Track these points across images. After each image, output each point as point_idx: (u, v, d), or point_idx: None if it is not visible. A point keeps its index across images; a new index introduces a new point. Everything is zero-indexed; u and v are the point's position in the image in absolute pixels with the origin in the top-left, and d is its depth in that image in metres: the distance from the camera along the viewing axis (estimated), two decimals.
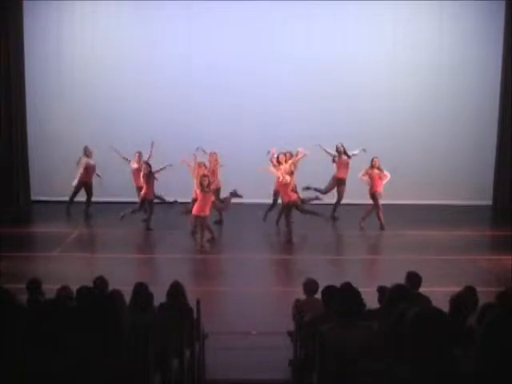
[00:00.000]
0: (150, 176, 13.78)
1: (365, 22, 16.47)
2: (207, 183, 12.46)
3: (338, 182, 14.88)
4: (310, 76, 16.27)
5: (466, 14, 16.47)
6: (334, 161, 14.89)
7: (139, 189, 14.26)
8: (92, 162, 15.27)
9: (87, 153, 15.25)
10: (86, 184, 15.32)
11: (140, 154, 14.67)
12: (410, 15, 16.47)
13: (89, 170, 15.26)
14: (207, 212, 12.64)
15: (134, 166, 14.64)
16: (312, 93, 16.26)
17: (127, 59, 16.47)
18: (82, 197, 15.65)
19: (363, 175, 14.17)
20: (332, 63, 16.31)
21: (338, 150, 14.74)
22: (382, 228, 14.06)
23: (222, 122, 16.26)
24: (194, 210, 12.63)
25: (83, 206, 15.43)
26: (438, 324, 3.60)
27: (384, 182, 14.18)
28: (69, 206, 15.30)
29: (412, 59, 16.49)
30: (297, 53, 16.37)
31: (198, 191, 12.57)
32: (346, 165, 14.78)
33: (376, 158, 14.17)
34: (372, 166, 14.10)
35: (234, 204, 14.04)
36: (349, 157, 14.71)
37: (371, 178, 14.15)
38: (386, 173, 14.17)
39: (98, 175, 15.49)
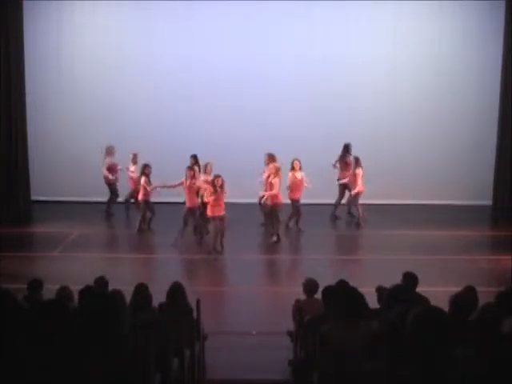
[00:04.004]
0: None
1: (365, 21, 16.45)
2: (220, 183, 12.44)
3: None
4: (310, 76, 16.25)
5: (465, 14, 16.46)
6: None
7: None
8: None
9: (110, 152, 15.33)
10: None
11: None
12: (410, 15, 16.46)
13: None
14: (222, 212, 12.62)
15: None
16: (312, 92, 16.25)
17: (127, 59, 16.46)
18: (84, 197, 15.65)
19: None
20: (332, 63, 16.30)
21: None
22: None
23: (222, 121, 16.23)
24: (209, 212, 12.60)
25: (86, 207, 15.50)
26: (438, 324, 3.60)
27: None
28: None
29: (412, 59, 16.48)
30: (297, 52, 16.35)
31: (210, 193, 12.52)
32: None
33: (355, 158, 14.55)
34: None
35: (234, 204, 14.01)
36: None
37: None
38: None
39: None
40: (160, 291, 7.13)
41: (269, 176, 13.36)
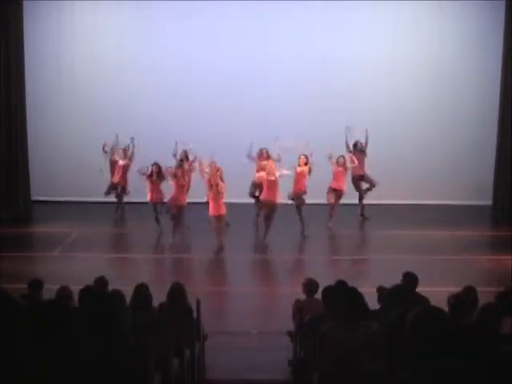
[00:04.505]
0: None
1: (365, 22, 16.46)
2: (216, 182, 12.44)
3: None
4: (310, 76, 16.25)
5: (465, 14, 16.47)
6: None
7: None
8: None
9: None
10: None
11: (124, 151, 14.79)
12: (410, 15, 16.46)
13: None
14: (223, 211, 12.56)
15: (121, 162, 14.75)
16: (312, 93, 16.25)
17: (127, 59, 16.46)
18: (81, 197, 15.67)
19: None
20: (332, 63, 16.30)
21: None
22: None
23: (222, 121, 16.24)
24: (210, 211, 12.54)
25: (86, 207, 15.55)
26: (438, 324, 3.60)
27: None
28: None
29: (412, 59, 16.48)
30: (297, 53, 16.35)
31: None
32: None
33: (342, 157, 14.31)
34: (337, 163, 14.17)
35: (234, 204, 14.04)
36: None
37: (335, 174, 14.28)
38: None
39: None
40: (160, 291, 7.14)
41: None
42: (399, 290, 5.98)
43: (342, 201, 14.76)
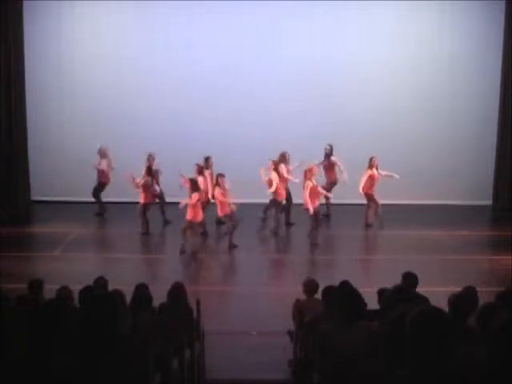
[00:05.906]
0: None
1: (365, 22, 16.47)
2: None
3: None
4: (310, 76, 16.26)
5: (465, 13, 16.48)
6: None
7: None
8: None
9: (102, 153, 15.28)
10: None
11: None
12: (410, 15, 16.47)
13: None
14: (199, 219, 12.59)
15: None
16: (312, 93, 16.26)
17: (127, 59, 16.46)
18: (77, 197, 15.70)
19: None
20: (332, 63, 16.31)
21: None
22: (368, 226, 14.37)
23: (222, 122, 16.24)
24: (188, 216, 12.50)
25: (86, 207, 15.56)
26: (439, 324, 3.60)
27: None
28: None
29: (412, 59, 16.49)
30: (297, 53, 16.36)
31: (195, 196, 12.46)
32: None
33: (374, 157, 14.29)
34: (371, 166, 14.21)
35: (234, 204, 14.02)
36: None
37: (371, 177, 14.23)
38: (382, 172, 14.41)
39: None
40: (160, 291, 7.14)
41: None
42: (399, 290, 5.98)
43: (343, 201, 15.20)
